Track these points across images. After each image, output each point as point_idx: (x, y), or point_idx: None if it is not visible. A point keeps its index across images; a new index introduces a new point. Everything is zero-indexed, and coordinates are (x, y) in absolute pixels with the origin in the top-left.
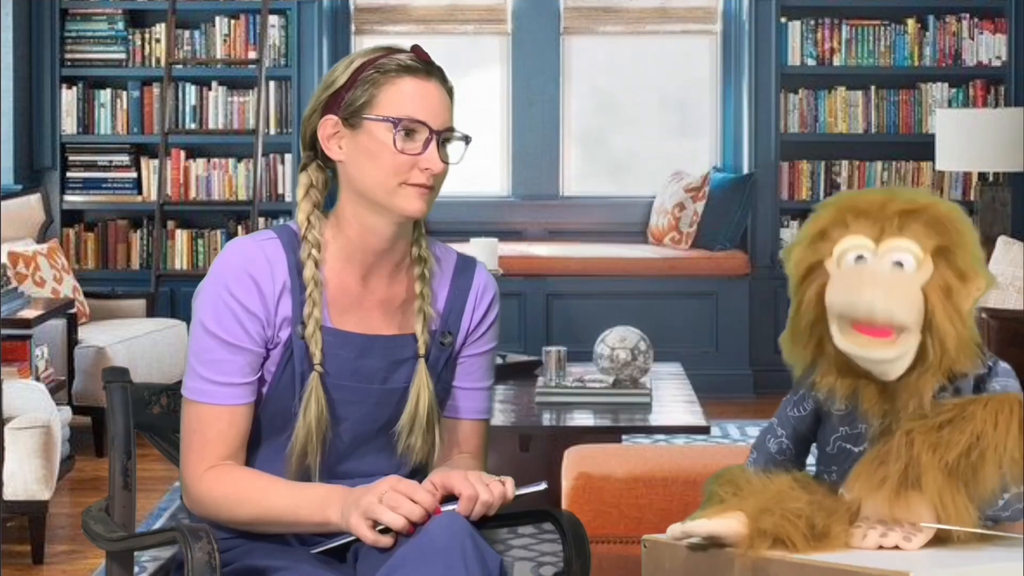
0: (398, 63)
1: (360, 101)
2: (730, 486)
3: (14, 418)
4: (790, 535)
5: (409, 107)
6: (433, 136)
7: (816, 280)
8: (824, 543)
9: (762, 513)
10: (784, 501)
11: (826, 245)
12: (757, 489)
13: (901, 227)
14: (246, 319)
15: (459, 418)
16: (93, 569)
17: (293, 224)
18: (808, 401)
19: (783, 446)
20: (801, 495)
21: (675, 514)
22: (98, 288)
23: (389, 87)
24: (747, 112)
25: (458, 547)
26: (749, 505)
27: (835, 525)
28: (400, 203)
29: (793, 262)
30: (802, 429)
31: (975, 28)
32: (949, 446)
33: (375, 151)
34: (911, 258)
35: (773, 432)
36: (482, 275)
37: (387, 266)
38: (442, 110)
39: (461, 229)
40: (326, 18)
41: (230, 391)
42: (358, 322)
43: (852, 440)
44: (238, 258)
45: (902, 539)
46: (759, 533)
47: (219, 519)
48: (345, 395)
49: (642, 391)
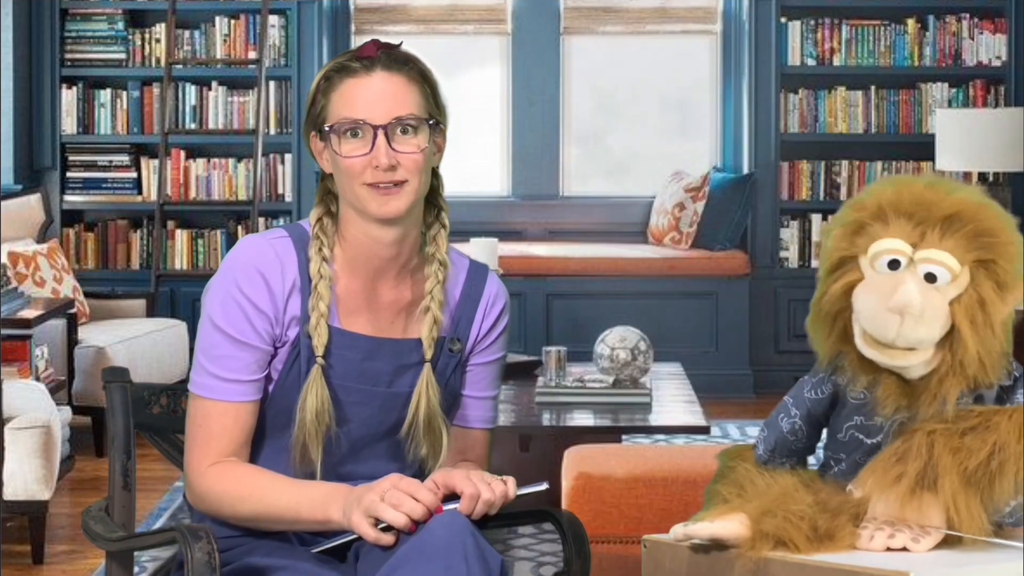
0: (339, 67)
1: (319, 115)
2: (734, 487)
3: (14, 418)
4: (792, 537)
5: (346, 109)
6: (375, 131)
7: (847, 274)
8: (828, 544)
9: (764, 515)
10: (787, 502)
11: (863, 240)
12: (761, 490)
13: (943, 235)
14: (255, 316)
15: (463, 426)
16: (93, 569)
17: (304, 223)
18: (827, 385)
19: (795, 427)
20: (804, 496)
21: (675, 514)
22: (98, 288)
23: (334, 94)
24: (747, 112)
25: (459, 546)
26: (752, 507)
27: (840, 526)
28: (371, 207)
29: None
30: (817, 412)
31: (975, 28)
32: (970, 453)
33: (336, 161)
34: (945, 272)
35: (787, 412)
36: (494, 284)
37: (393, 268)
38: (384, 101)
39: (461, 229)
40: (326, 18)
41: (236, 388)
42: (366, 324)
43: (866, 431)
44: (249, 255)
45: (910, 540)
46: (761, 535)
47: (221, 515)
48: (351, 396)
49: (642, 391)
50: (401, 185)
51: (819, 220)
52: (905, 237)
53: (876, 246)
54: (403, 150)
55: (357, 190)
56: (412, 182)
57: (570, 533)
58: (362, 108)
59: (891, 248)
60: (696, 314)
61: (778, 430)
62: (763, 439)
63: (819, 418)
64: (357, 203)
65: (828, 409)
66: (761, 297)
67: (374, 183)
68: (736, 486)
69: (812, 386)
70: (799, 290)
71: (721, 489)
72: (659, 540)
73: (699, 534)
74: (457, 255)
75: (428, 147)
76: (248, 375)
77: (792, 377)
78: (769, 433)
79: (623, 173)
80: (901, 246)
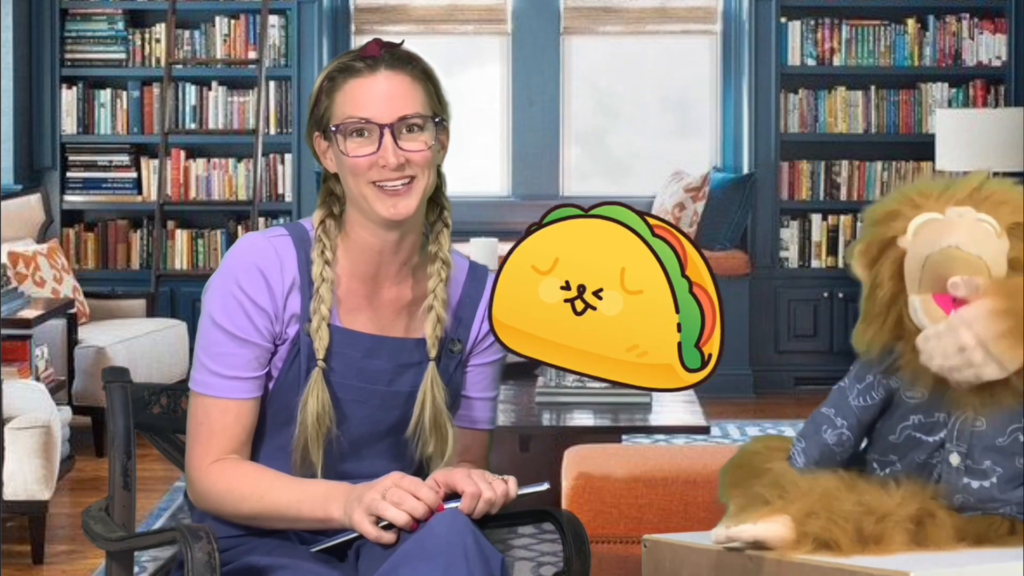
0: (342, 67)
1: (323, 115)
2: (775, 488)
3: (14, 418)
4: (836, 538)
5: (351, 109)
6: (382, 130)
7: (890, 256)
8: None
9: (808, 516)
10: (831, 503)
11: (898, 224)
12: (803, 491)
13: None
14: (255, 313)
15: (462, 427)
16: (93, 569)
17: (305, 222)
18: (879, 389)
19: (843, 437)
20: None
21: (675, 514)
22: (98, 288)
23: (338, 95)
24: (747, 112)
25: (460, 544)
26: (795, 508)
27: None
28: (377, 207)
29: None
30: (867, 419)
31: (975, 28)
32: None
33: (341, 160)
34: (989, 227)
35: (831, 423)
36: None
37: (394, 266)
38: (389, 100)
39: (461, 229)
40: (326, 18)
41: (237, 385)
42: (367, 322)
43: (925, 429)
44: (248, 253)
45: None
46: (803, 536)
47: (222, 513)
48: (350, 395)
49: (642, 391)
50: (410, 183)
51: (819, 220)
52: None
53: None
54: (410, 148)
55: (363, 189)
56: (420, 179)
57: (570, 533)
58: (367, 107)
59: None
60: None
61: (822, 443)
62: (802, 451)
63: (868, 425)
64: (363, 203)
65: (879, 414)
66: (761, 297)
67: (380, 182)
68: (777, 487)
69: (859, 393)
70: (799, 290)
71: (762, 491)
72: (659, 540)
73: (742, 536)
74: (458, 256)
75: (434, 144)
76: (249, 372)
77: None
78: (809, 445)
79: (623, 173)
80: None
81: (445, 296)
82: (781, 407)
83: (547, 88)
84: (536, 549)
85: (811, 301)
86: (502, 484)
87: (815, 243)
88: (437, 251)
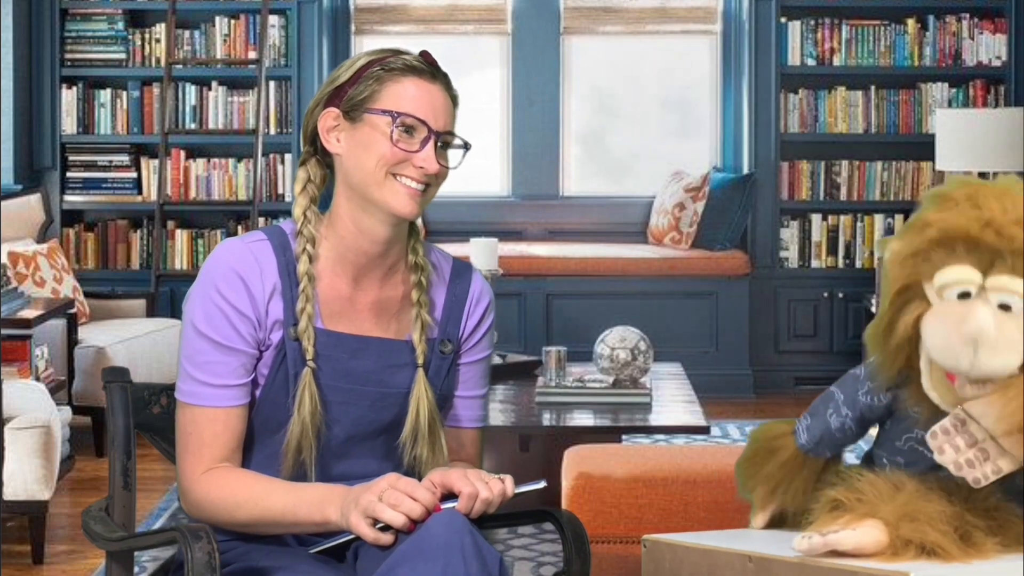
0: (404, 63)
1: (362, 95)
2: (850, 491)
3: (14, 418)
4: (940, 543)
5: (410, 104)
6: (432, 136)
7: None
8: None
9: (902, 520)
10: (921, 506)
11: (927, 267)
12: (885, 494)
13: (1014, 263)
14: (237, 320)
15: (453, 426)
16: (93, 569)
17: (284, 225)
18: (886, 394)
19: (845, 425)
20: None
21: (675, 514)
22: (98, 288)
23: (393, 84)
24: (747, 112)
25: (457, 544)
26: (885, 512)
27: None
28: (390, 199)
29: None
30: (870, 417)
31: (975, 28)
32: None
33: (371, 142)
34: (1019, 301)
35: (836, 408)
36: (478, 282)
37: (380, 269)
38: (443, 113)
39: (461, 229)
40: (326, 18)
41: (224, 393)
42: (349, 324)
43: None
44: (227, 259)
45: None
46: (902, 541)
47: (218, 522)
48: (339, 396)
49: (642, 391)
50: (424, 191)
51: (819, 220)
52: (974, 264)
53: (942, 276)
54: (443, 162)
55: (381, 176)
56: (432, 191)
57: (570, 533)
58: (426, 110)
59: (959, 279)
60: (696, 314)
61: (825, 424)
62: (806, 427)
63: (871, 421)
64: (373, 189)
65: (883, 416)
66: (761, 297)
67: (409, 180)
68: (854, 491)
69: (868, 391)
70: (799, 290)
71: (838, 495)
72: (659, 540)
73: (843, 544)
74: (441, 255)
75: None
76: (235, 379)
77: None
78: (814, 423)
79: (623, 173)
80: (970, 275)
81: (428, 300)
82: (781, 407)
83: (547, 88)
84: (536, 549)
85: (811, 301)
86: (499, 483)
87: (815, 243)
88: (415, 259)
